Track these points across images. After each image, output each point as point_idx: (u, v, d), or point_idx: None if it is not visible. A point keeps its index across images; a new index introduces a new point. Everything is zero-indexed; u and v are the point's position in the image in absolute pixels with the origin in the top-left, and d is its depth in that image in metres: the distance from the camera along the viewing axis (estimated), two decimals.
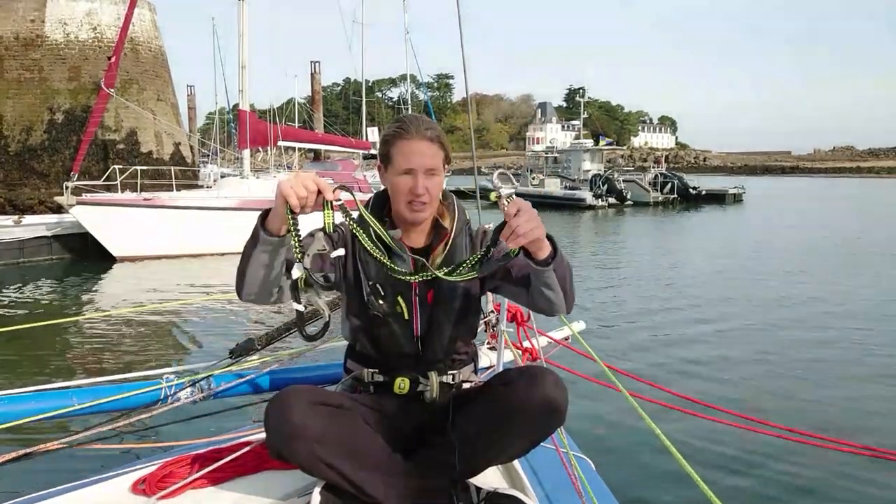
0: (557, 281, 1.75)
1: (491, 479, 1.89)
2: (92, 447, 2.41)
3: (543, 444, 1.86)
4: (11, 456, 2.13)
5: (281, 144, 20.33)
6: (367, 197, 1.93)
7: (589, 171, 37.94)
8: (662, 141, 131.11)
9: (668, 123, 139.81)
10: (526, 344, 2.97)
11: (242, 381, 2.45)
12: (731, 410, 3.77)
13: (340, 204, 1.62)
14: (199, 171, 23.73)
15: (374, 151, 22.84)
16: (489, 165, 79.69)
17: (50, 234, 14.78)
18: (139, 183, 15.54)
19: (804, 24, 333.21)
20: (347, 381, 1.95)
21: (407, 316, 1.83)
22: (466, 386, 1.93)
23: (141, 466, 1.94)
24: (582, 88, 57.24)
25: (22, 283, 11.85)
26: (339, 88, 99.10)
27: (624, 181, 36.49)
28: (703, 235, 21.86)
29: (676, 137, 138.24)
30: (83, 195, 14.55)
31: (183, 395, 2.36)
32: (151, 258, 14.60)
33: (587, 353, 2.64)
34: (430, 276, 1.75)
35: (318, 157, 28.69)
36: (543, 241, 1.68)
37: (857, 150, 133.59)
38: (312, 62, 36.54)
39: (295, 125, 35.20)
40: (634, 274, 13.31)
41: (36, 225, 14.83)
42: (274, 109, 35.52)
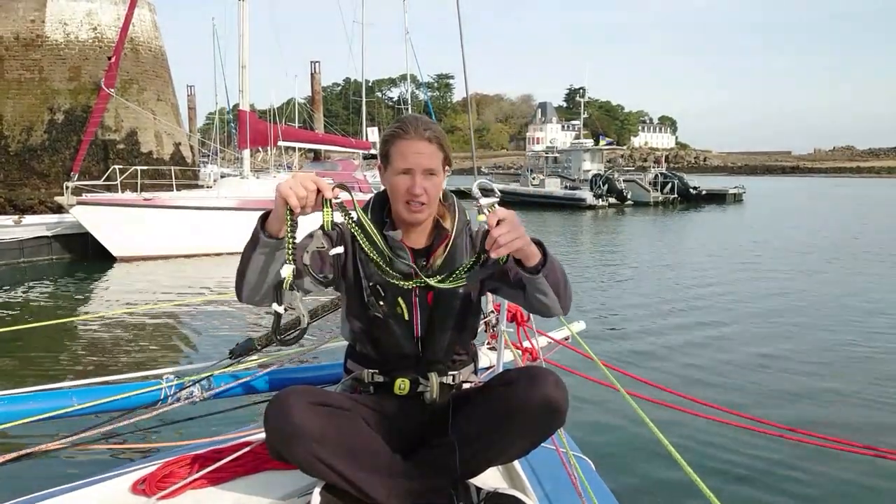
0: (550, 286, 1.75)
1: (491, 479, 1.89)
2: (92, 447, 2.41)
3: (543, 444, 1.86)
4: (11, 456, 2.13)
5: (281, 144, 20.32)
6: (367, 197, 1.93)
7: (589, 171, 37.95)
8: (663, 141, 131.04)
9: (668, 123, 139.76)
10: (526, 344, 2.97)
11: (242, 381, 2.45)
12: (730, 410, 3.77)
13: (339, 203, 1.62)
14: (199, 171, 23.73)
15: (374, 151, 22.82)
16: (489, 165, 79.75)
17: (50, 234, 14.79)
18: (139, 183, 15.53)
19: (804, 23, 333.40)
20: (347, 381, 1.95)
21: (407, 317, 1.83)
22: (466, 386, 1.93)
23: (141, 466, 1.94)
24: (582, 88, 57.07)
25: (22, 283, 11.85)
26: (339, 88, 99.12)
27: (624, 181, 36.52)
28: (703, 235, 21.85)
29: (677, 137, 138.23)
30: (83, 195, 14.56)
31: (183, 395, 2.36)
32: (151, 258, 14.61)
33: (587, 353, 2.64)
34: (422, 283, 1.75)
35: (318, 157, 28.68)
36: (529, 250, 1.68)
37: (857, 149, 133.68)
38: (312, 62, 36.66)
39: (295, 125, 35.21)
40: (634, 274, 13.31)
41: (36, 225, 14.84)
42: (274, 109, 35.64)
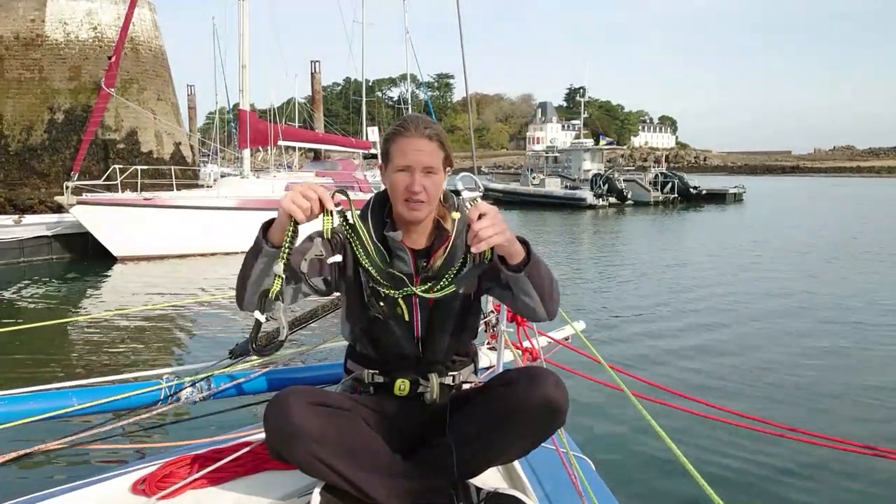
0: (534, 288, 1.73)
1: (491, 479, 1.89)
2: (92, 447, 2.41)
3: (543, 444, 1.85)
4: (11, 456, 2.13)
5: (281, 144, 20.32)
6: (367, 196, 1.93)
7: (589, 170, 37.94)
8: (663, 140, 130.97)
9: (668, 123, 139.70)
10: (526, 344, 2.96)
11: (242, 381, 2.44)
12: (730, 409, 3.76)
13: (340, 210, 1.65)
14: (199, 170, 23.72)
15: (374, 151, 22.83)
16: (489, 165, 79.75)
17: (50, 233, 14.78)
18: (139, 183, 15.53)
19: (804, 23, 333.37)
20: (347, 381, 1.95)
21: (407, 317, 1.83)
22: (466, 387, 1.93)
23: (141, 466, 1.94)
24: (582, 88, 57.00)
25: (22, 282, 11.85)
26: (339, 88, 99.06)
27: (624, 181, 36.52)
28: (703, 235, 21.84)
29: (677, 137, 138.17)
30: (83, 195, 14.56)
31: (183, 395, 2.35)
32: (152, 258, 14.61)
33: (588, 353, 2.63)
34: (409, 292, 1.76)
35: (318, 156, 28.67)
36: (513, 247, 1.67)
37: (857, 149, 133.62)
38: (312, 62, 36.57)
39: (295, 125, 35.22)
40: (635, 274, 13.30)
41: (36, 224, 14.84)
42: (274, 109, 35.65)
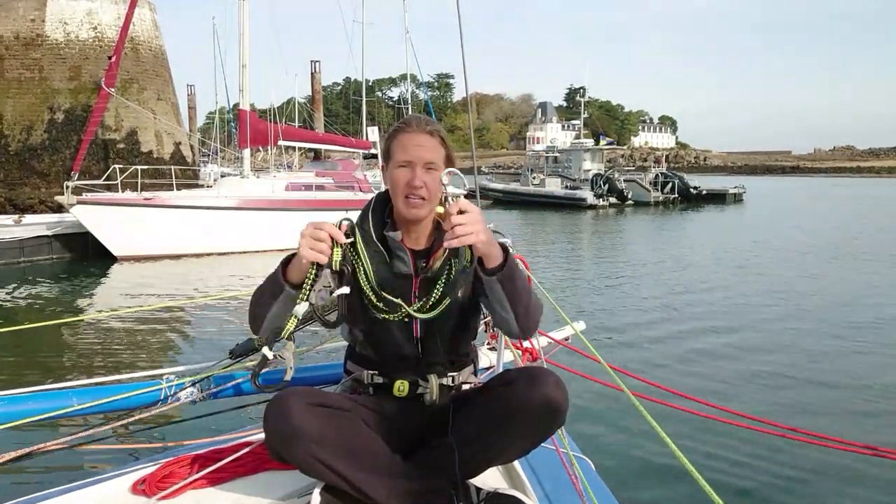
0: (508, 299, 1.71)
1: (491, 479, 1.89)
2: (92, 447, 2.41)
3: (543, 444, 1.85)
4: (11, 456, 2.13)
5: (281, 144, 20.31)
6: (368, 196, 1.93)
7: (589, 170, 37.92)
8: (663, 141, 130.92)
9: (668, 123, 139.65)
10: (526, 344, 2.96)
11: (242, 381, 2.44)
12: (730, 409, 3.77)
13: (352, 242, 1.71)
14: (199, 170, 23.75)
15: (374, 151, 22.81)
16: (489, 165, 79.77)
17: (50, 233, 14.79)
18: (139, 182, 15.55)
19: (804, 23, 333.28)
20: (347, 382, 1.95)
21: (407, 319, 1.82)
22: (466, 387, 1.93)
23: (141, 466, 1.93)
24: (582, 88, 56.97)
25: (22, 282, 11.85)
26: (339, 88, 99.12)
27: (625, 181, 36.54)
28: (703, 235, 21.85)
29: (677, 137, 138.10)
30: (83, 194, 14.57)
31: (183, 395, 2.35)
32: (152, 258, 14.61)
33: (589, 352, 2.63)
34: (405, 316, 1.78)
35: (318, 156, 28.68)
36: (491, 250, 1.66)
37: (857, 149, 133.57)
38: (312, 62, 36.60)
39: (295, 125, 35.21)
40: (635, 274, 13.30)
41: (36, 224, 14.86)
42: (274, 109, 35.65)
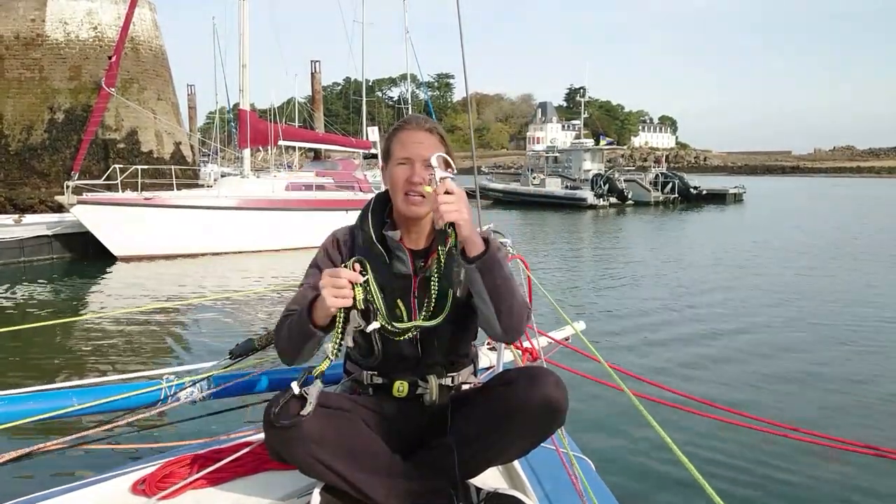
0: (488, 293, 1.68)
1: (491, 479, 1.89)
2: (92, 447, 2.41)
3: (543, 444, 1.85)
4: (11, 456, 2.12)
5: (281, 144, 20.30)
6: (368, 196, 1.93)
7: (590, 170, 37.92)
8: (663, 141, 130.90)
9: (668, 123, 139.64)
10: (526, 344, 2.96)
11: (242, 381, 2.44)
12: (731, 409, 3.76)
13: (366, 280, 1.71)
14: (199, 170, 23.74)
15: (374, 151, 22.81)
16: (489, 165, 79.67)
17: (50, 233, 14.78)
18: (140, 182, 15.54)
19: (804, 23, 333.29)
20: (347, 382, 1.95)
21: (406, 319, 1.82)
22: (466, 387, 1.93)
23: (141, 466, 1.94)
24: (582, 88, 57.00)
25: (22, 282, 11.85)
26: (339, 88, 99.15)
27: (625, 181, 36.55)
28: (703, 235, 21.84)
29: (677, 137, 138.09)
30: (84, 194, 14.56)
31: (183, 395, 2.35)
32: (152, 258, 14.61)
33: (589, 352, 2.63)
34: (409, 331, 1.76)
35: (318, 156, 28.66)
36: (473, 236, 1.65)
37: (857, 149, 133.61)
38: (313, 62, 36.53)
39: (295, 124, 35.19)
40: (635, 274, 13.29)
41: (36, 224, 14.84)
42: (274, 109, 35.63)
